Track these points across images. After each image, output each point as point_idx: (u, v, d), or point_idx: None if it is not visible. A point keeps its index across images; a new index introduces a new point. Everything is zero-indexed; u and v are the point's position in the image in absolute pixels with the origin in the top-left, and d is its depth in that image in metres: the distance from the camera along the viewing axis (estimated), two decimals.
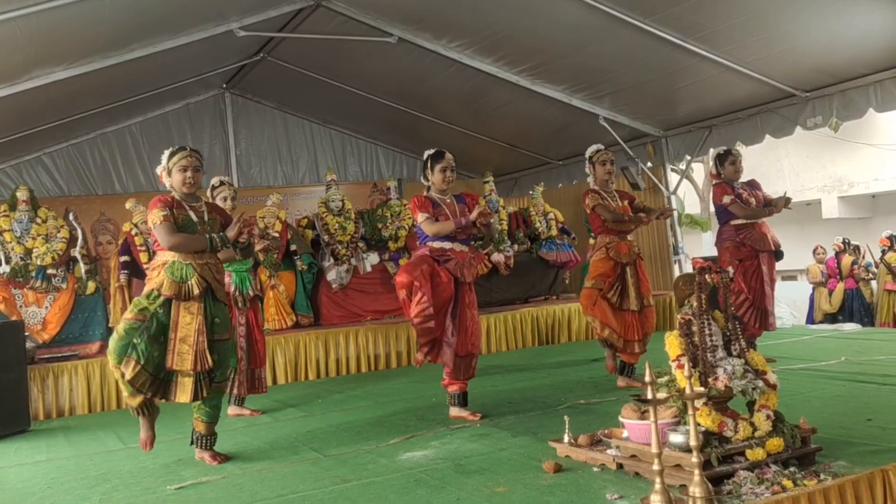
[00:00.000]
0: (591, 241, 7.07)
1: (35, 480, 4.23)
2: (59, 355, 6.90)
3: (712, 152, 6.47)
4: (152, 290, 4.06)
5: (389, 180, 10.38)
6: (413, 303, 4.69)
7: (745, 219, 5.81)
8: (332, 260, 8.41)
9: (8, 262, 7.08)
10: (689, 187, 15.32)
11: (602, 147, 5.73)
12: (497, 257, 9.05)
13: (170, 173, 4.22)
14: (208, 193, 5.54)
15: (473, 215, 4.72)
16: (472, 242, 8.85)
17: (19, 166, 9.63)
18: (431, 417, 4.91)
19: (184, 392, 4.02)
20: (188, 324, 4.04)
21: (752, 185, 6.05)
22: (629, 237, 5.61)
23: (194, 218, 4.16)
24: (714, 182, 6.20)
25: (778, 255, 5.95)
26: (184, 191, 4.19)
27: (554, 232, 9.69)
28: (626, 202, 5.62)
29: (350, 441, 4.49)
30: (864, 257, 11.58)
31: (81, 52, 6.69)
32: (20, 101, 6.88)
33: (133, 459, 4.52)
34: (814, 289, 12.05)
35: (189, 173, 4.16)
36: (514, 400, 5.37)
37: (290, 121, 11.26)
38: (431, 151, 5.00)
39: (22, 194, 7.31)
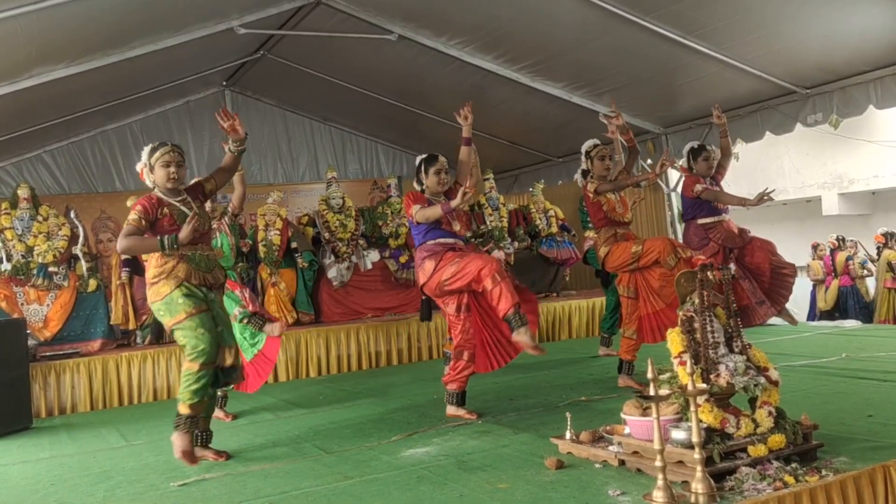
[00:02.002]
0: (590, 233, 7.05)
1: (38, 478, 4.25)
2: (61, 353, 6.91)
3: (686, 146, 6.46)
4: (178, 282, 4.00)
5: (390, 178, 10.39)
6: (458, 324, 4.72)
7: (715, 200, 5.76)
8: (332, 257, 8.42)
9: (9, 259, 7.10)
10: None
11: (599, 142, 5.63)
12: (497, 254, 9.06)
13: (152, 169, 4.17)
14: None
15: (457, 201, 4.59)
16: (472, 241, 8.85)
17: (20, 164, 9.63)
18: (433, 414, 4.92)
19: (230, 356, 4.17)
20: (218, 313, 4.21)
21: (716, 180, 6.06)
22: (630, 228, 5.51)
23: (187, 212, 4.13)
24: (686, 175, 6.20)
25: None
26: (167, 186, 4.15)
27: (554, 229, 9.70)
28: (622, 195, 5.55)
29: (352, 438, 4.50)
30: (856, 254, 11.57)
31: (82, 49, 6.69)
32: (21, 99, 6.87)
33: (136, 456, 4.54)
34: (814, 286, 12.03)
35: (172, 168, 4.13)
36: (515, 397, 5.38)
37: (291, 118, 11.26)
38: (424, 156, 5.00)
39: (23, 192, 7.33)
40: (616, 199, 5.44)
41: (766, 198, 5.60)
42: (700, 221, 5.83)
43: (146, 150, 4.23)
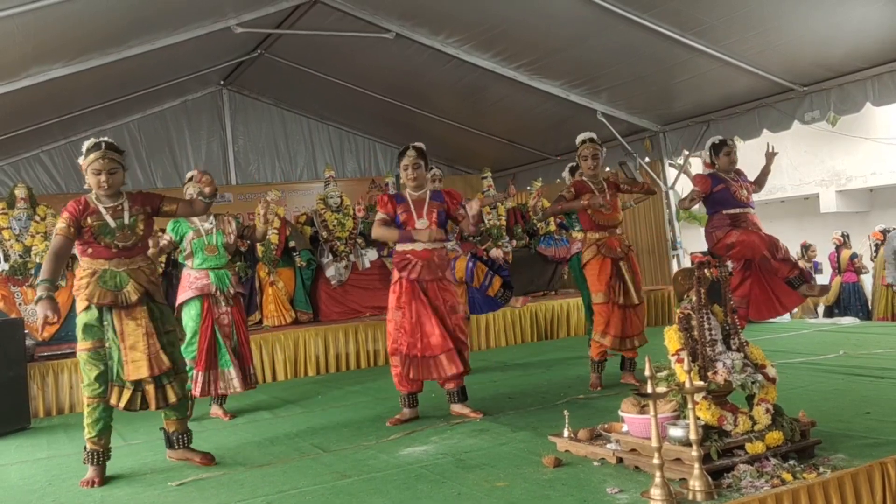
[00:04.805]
0: (577, 234, 7.06)
1: (36, 477, 4.24)
2: (59, 353, 6.89)
3: (708, 142, 6.41)
4: (87, 304, 3.85)
5: (387, 176, 10.39)
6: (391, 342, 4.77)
7: (681, 208, 5.83)
8: (330, 256, 8.41)
9: (7, 259, 7.09)
10: (686, 182, 15.32)
11: (588, 137, 5.48)
12: (495, 253, 9.04)
13: (86, 172, 3.92)
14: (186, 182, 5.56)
15: (424, 235, 4.67)
16: (470, 239, 8.83)
17: (17, 164, 9.63)
18: (431, 413, 4.91)
19: (149, 400, 3.89)
20: (134, 330, 3.86)
21: (740, 174, 6.02)
22: (618, 231, 5.45)
23: (111, 224, 3.89)
24: (703, 172, 6.18)
25: None
26: (99, 193, 3.92)
27: (552, 227, 9.69)
28: (612, 191, 5.44)
29: (350, 437, 4.50)
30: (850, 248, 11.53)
31: (79, 49, 6.68)
32: (18, 99, 6.87)
33: (134, 456, 4.53)
34: None
35: (103, 177, 3.86)
36: (513, 395, 5.38)
37: (288, 117, 11.26)
38: (401, 149, 4.96)
39: (20, 192, 7.33)
40: (605, 199, 5.36)
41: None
42: (726, 212, 5.76)
43: (84, 146, 3.95)
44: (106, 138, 4.00)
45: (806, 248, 11.89)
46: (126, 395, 3.85)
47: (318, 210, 8.71)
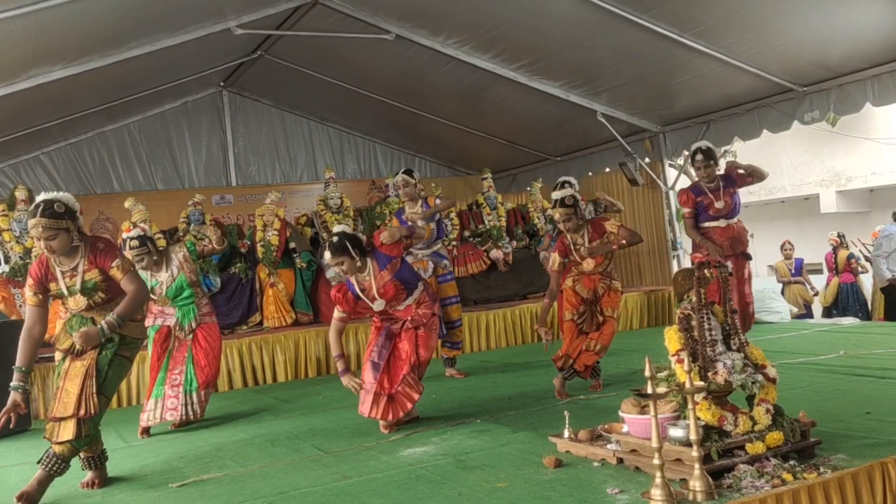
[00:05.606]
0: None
1: None
2: None
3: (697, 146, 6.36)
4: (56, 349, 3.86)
5: (388, 177, 10.38)
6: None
7: (692, 239, 5.85)
8: None
9: (7, 261, 7.09)
10: (687, 182, 15.32)
11: (560, 199, 5.22)
12: (496, 254, 9.06)
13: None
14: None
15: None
16: (471, 240, 8.80)
17: (17, 166, 9.65)
18: (432, 413, 4.92)
19: (66, 430, 3.66)
20: (79, 370, 3.73)
21: (727, 179, 5.85)
22: (599, 270, 5.26)
23: (65, 291, 3.75)
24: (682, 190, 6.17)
25: (746, 256, 5.92)
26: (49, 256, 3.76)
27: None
28: (598, 236, 5.23)
29: (351, 438, 4.50)
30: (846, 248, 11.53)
31: (79, 50, 6.69)
32: (18, 101, 6.87)
33: (135, 457, 4.54)
34: (783, 287, 11.67)
35: (43, 244, 3.66)
36: (513, 395, 5.38)
37: (288, 119, 11.27)
38: None
39: (20, 194, 7.34)
40: (574, 258, 5.31)
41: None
42: (704, 225, 5.79)
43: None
44: (50, 197, 3.76)
45: (782, 246, 11.92)
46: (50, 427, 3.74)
47: (319, 211, 8.71)
